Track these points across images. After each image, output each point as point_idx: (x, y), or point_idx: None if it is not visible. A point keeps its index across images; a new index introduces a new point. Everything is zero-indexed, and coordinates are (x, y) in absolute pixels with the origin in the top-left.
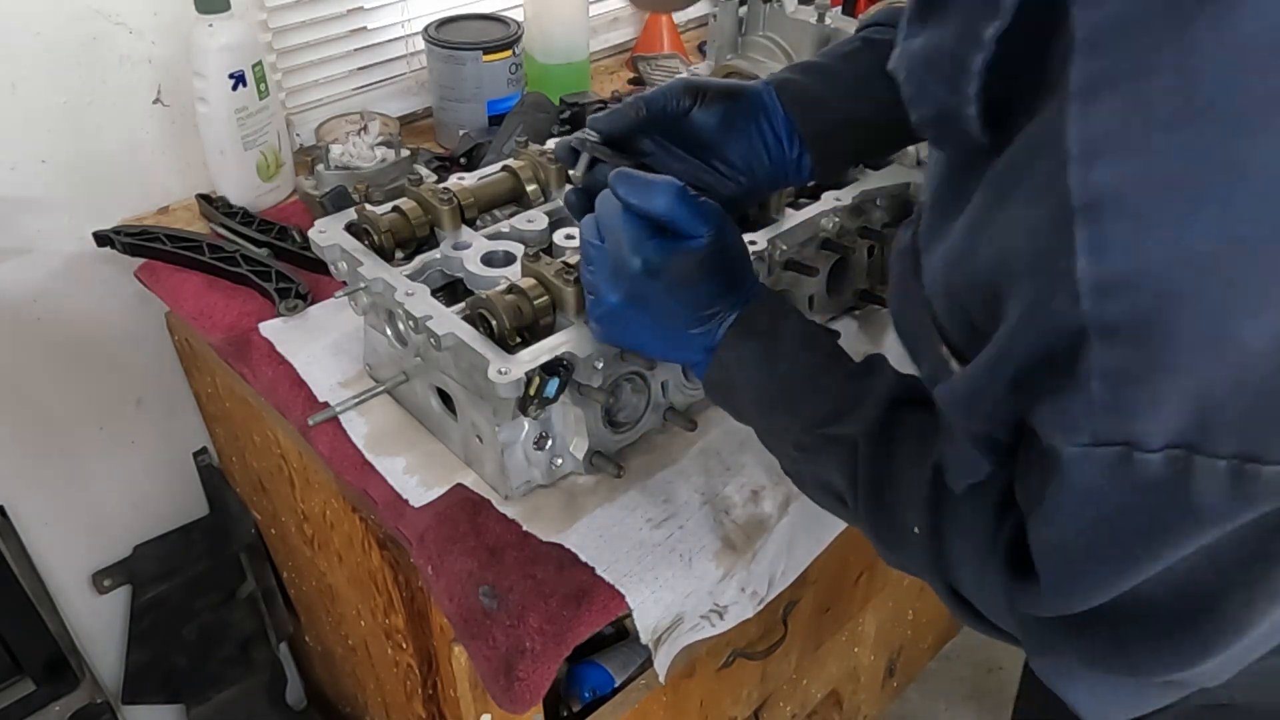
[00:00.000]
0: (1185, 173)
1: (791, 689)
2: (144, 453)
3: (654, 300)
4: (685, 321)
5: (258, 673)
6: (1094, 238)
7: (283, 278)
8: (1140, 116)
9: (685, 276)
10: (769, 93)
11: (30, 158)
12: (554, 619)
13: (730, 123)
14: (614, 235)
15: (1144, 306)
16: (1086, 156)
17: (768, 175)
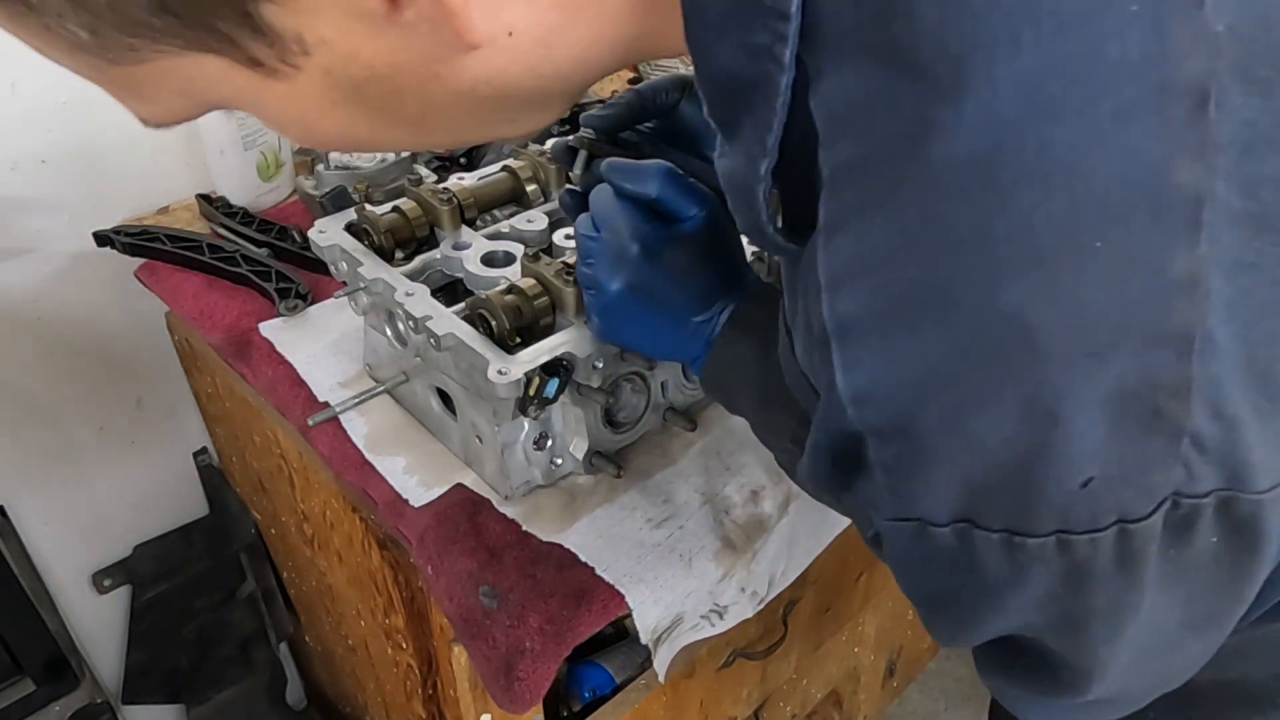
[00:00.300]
0: (906, 298)
1: (791, 689)
2: (144, 453)
3: (654, 288)
4: (686, 310)
5: (258, 673)
6: (843, 358)
7: (283, 278)
8: (867, 250)
9: (683, 262)
10: None
11: (30, 158)
12: (554, 619)
13: None
14: (610, 224)
15: (893, 413)
16: (831, 286)
17: None
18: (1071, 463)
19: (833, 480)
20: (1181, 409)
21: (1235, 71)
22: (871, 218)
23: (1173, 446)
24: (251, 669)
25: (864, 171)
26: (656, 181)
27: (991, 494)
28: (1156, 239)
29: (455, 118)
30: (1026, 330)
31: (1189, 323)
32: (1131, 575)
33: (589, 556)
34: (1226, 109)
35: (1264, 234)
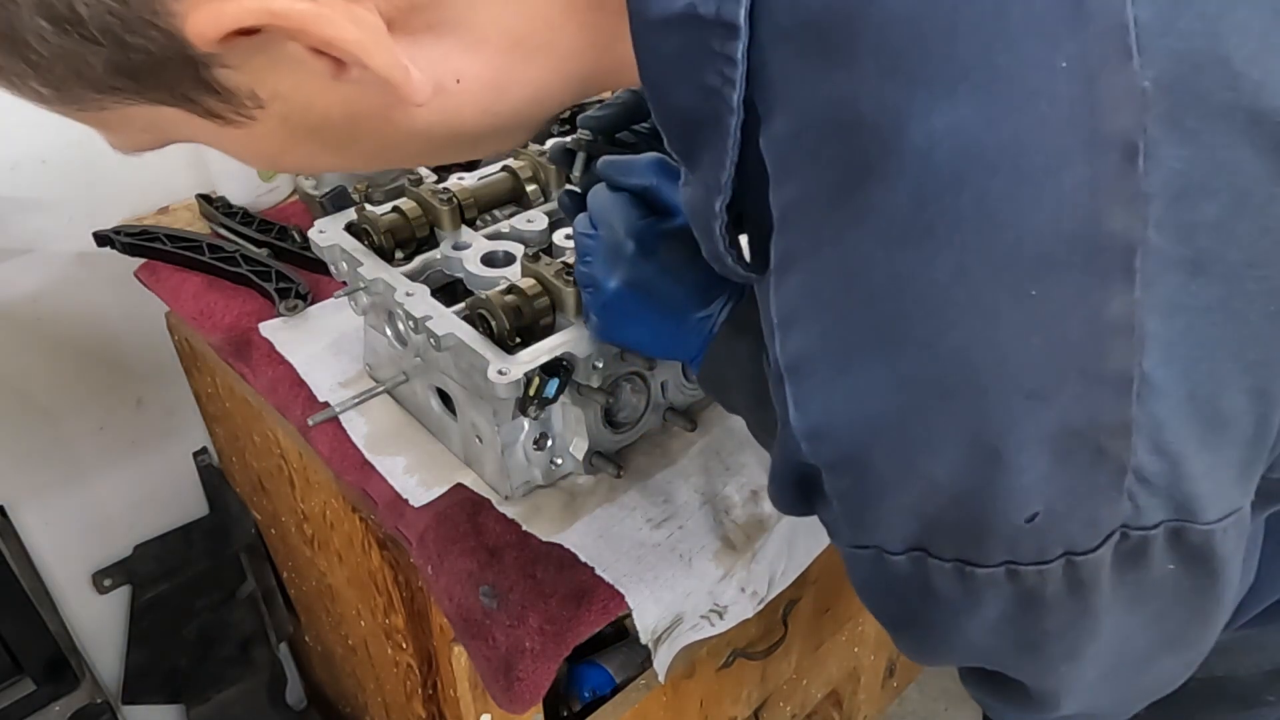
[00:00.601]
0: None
1: (791, 689)
2: (144, 453)
3: (652, 284)
4: (686, 306)
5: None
6: (795, 395)
7: (283, 278)
8: (814, 291)
9: (681, 256)
10: None
11: (30, 158)
12: (554, 619)
13: None
14: (606, 221)
15: (844, 449)
16: (782, 326)
17: None
18: (1016, 498)
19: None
20: (1123, 446)
21: (1164, 122)
22: (819, 259)
23: (1117, 482)
24: (251, 669)
25: (810, 214)
26: (648, 173)
27: (942, 526)
28: (1090, 285)
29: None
30: (970, 371)
31: (1126, 364)
32: (1084, 602)
33: (589, 556)
34: (1155, 159)
35: (1199, 277)
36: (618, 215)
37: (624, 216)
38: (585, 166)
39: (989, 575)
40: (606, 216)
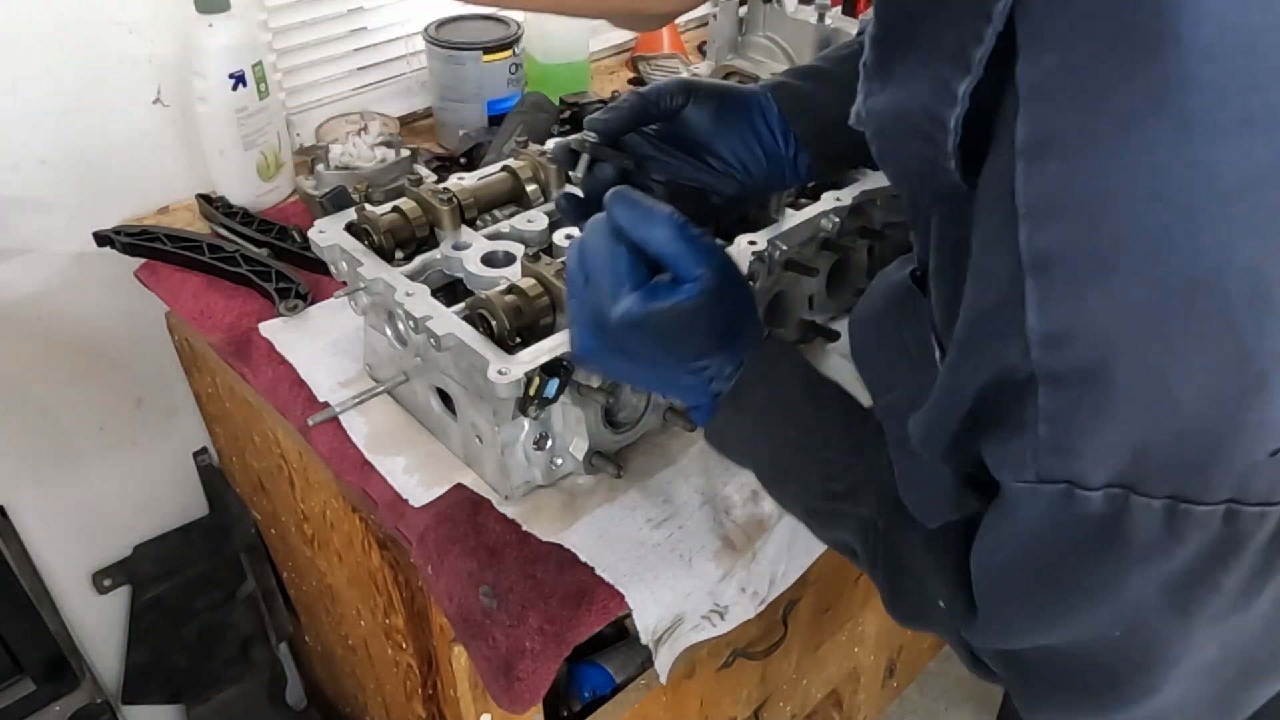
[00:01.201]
0: (1124, 236)
1: (791, 689)
2: (144, 453)
3: (635, 349)
4: (672, 370)
5: (258, 673)
6: (1041, 293)
7: (283, 278)
8: (1081, 180)
9: (673, 329)
10: (764, 93)
11: (30, 158)
12: (554, 619)
13: (723, 120)
14: (597, 274)
15: (1086, 359)
16: (1033, 216)
17: (764, 174)
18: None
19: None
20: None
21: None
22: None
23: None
24: (251, 669)
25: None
26: (664, 232)
27: (1167, 456)
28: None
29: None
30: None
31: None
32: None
33: (589, 556)
34: None
35: None
36: (610, 271)
37: (616, 275)
38: (588, 169)
39: (1204, 515)
40: (598, 265)
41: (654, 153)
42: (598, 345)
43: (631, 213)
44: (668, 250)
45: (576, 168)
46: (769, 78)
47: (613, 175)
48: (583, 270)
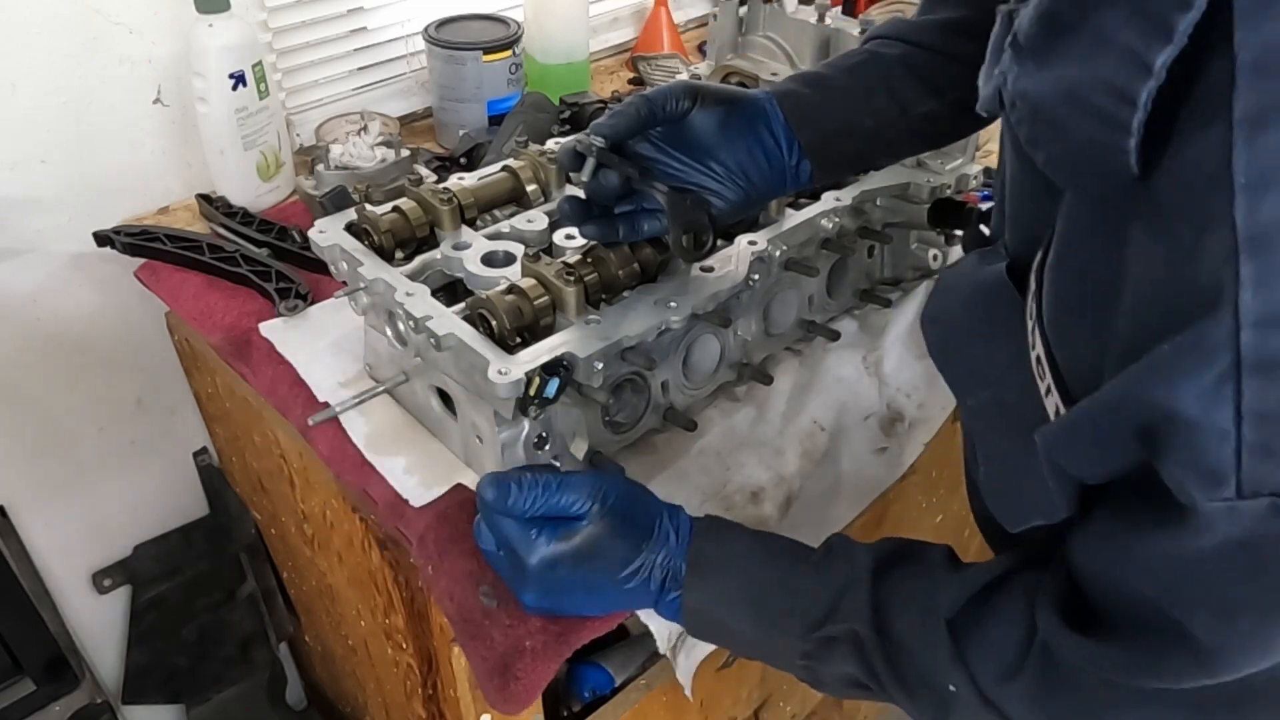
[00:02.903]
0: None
1: (792, 689)
2: (144, 453)
3: (570, 583)
4: (610, 585)
5: (258, 673)
6: (1261, 271)
7: (283, 278)
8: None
9: (589, 554)
10: (769, 100)
11: (30, 158)
12: (558, 619)
13: (729, 126)
14: (506, 544)
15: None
16: (1254, 188)
17: (766, 181)
18: None
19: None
20: None
21: None
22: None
23: None
24: (251, 669)
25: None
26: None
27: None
28: None
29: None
30: None
31: None
32: None
33: None
34: None
35: None
36: (516, 540)
37: (520, 540)
38: (594, 173)
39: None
40: (505, 537)
41: (657, 155)
42: (538, 595)
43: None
44: (547, 507)
45: (581, 171)
46: (773, 83)
47: (617, 181)
48: (497, 544)
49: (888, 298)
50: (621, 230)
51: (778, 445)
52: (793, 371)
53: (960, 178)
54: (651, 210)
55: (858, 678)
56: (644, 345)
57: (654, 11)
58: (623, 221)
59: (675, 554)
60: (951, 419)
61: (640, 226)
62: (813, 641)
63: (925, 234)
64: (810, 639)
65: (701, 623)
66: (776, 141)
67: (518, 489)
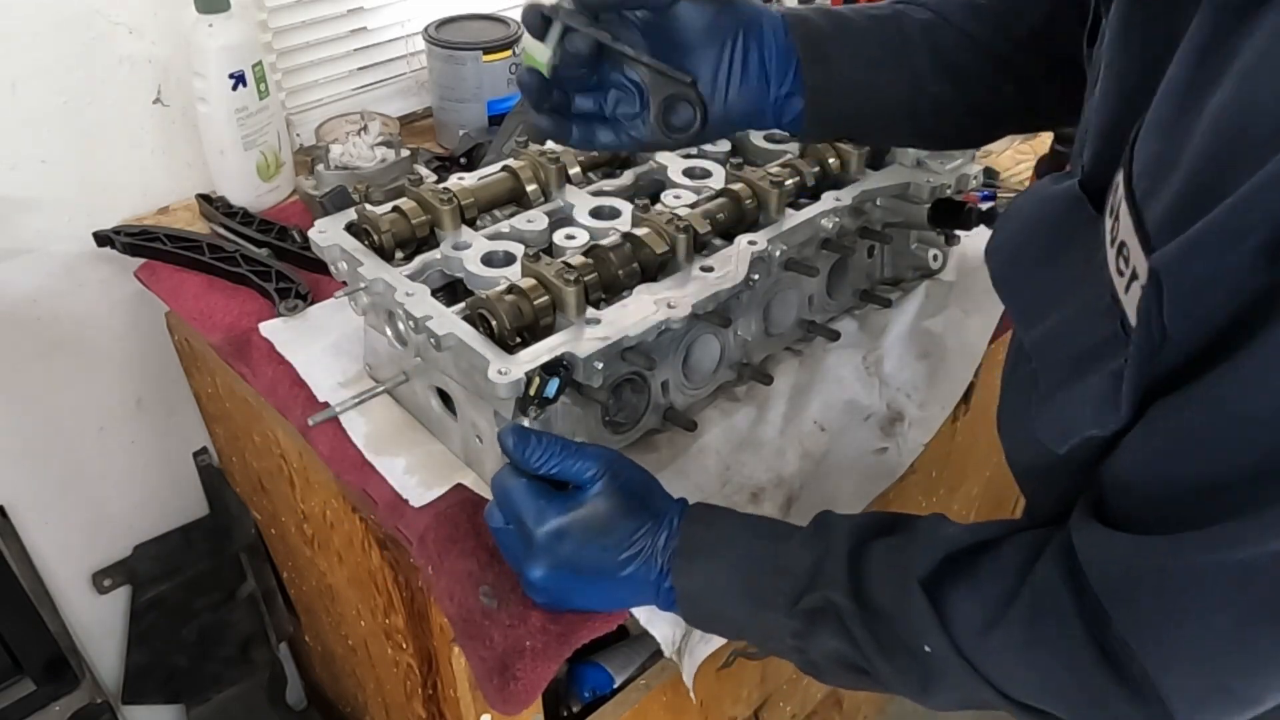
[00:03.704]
0: None
1: (791, 689)
2: (144, 453)
3: (575, 560)
4: (612, 567)
5: (258, 673)
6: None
7: (283, 278)
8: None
9: (595, 527)
10: (773, 19)
11: (30, 158)
12: (557, 619)
13: (718, 27)
14: (515, 514)
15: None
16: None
17: (746, 102)
18: None
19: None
20: None
21: None
22: None
23: None
24: (251, 669)
25: None
26: (549, 458)
27: None
28: None
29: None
30: None
31: None
32: None
33: None
34: None
35: None
36: (524, 504)
37: (530, 504)
38: (560, 37)
39: None
40: (514, 506)
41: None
42: (544, 571)
43: (518, 444)
44: (561, 470)
45: (546, 36)
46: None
47: (587, 49)
48: (505, 518)
49: (888, 298)
50: (576, 131)
51: (778, 445)
52: (793, 371)
53: (960, 178)
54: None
55: (845, 654)
56: (644, 345)
57: None
58: (579, 122)
59: (673, 540)
60: (951, 419)
61: (596, 135)
62: (798, 616)
63: (925, 234)
64: (796, 614)
65: (697, 610)
66: (764, 62)
67: (537, 441)
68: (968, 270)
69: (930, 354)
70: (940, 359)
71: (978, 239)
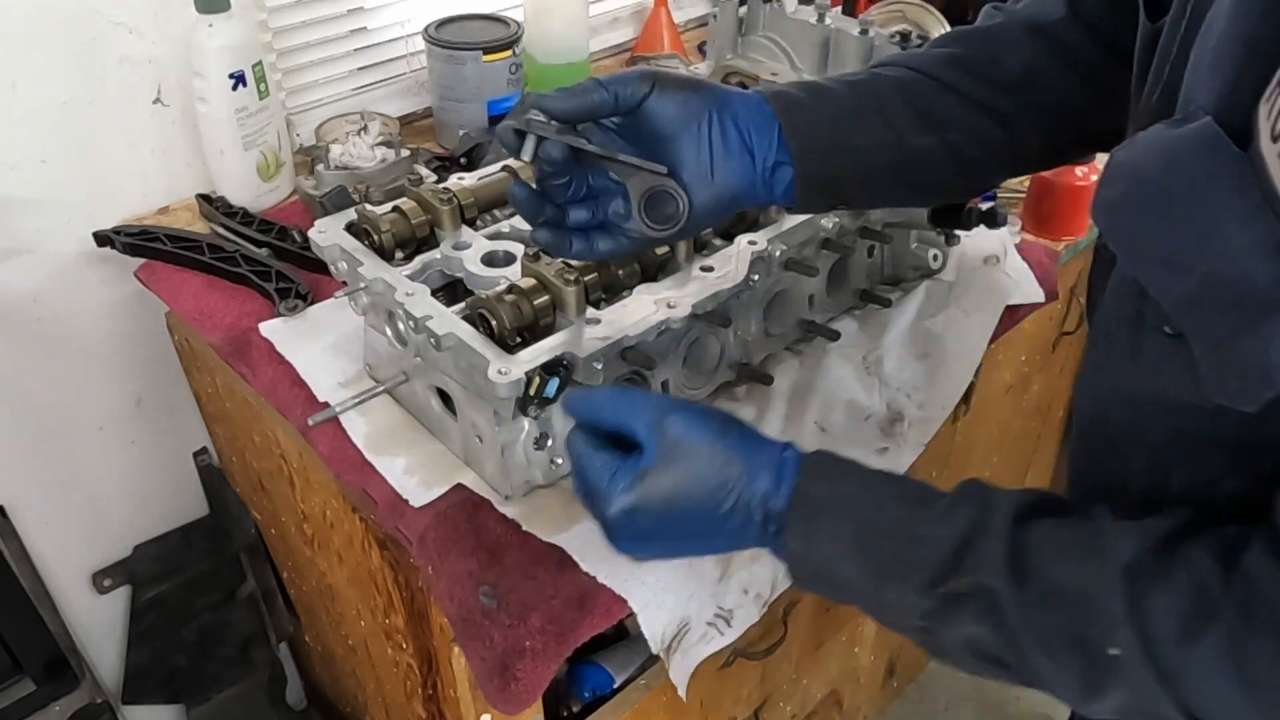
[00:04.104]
0: None
1: (791, 689)
2: (144, 453)
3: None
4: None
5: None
6: None
7: (283, 278)
8: None
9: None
10: (746, 95)
11: (30, 158)
12: (557, 619)
13: (688, 111)
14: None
15: None
16: None
17: (735, 179)
18: None
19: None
20: None
21: None
22: None
23: None
24: (251, 669)
25: None
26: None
27: None
28: None
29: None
30: None
31: None
32: None
33: (589, 565)
34: None
35: None
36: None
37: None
38: (535, 149)
39: None
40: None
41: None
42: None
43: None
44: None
45: (521, 150)
46: (772, 83)
47: (560, 155)
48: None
49: (888, 298)
50: (575, 245)
51: None
52: (793, 371)
53: None
54: (610, 228)
55: (985, 643)
56: (644, 345)
57: (654, 11)
58: (577, 236)
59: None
60: (951, 419)
61: (596, 245)
62: (934, 598)
63: (925, 234)
64: (932, 594)
65: (807, 572)
66: (745, 136)
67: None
68: (968, 270)
69: (930, 354)
70: (940, 359)
71: (978, 239)
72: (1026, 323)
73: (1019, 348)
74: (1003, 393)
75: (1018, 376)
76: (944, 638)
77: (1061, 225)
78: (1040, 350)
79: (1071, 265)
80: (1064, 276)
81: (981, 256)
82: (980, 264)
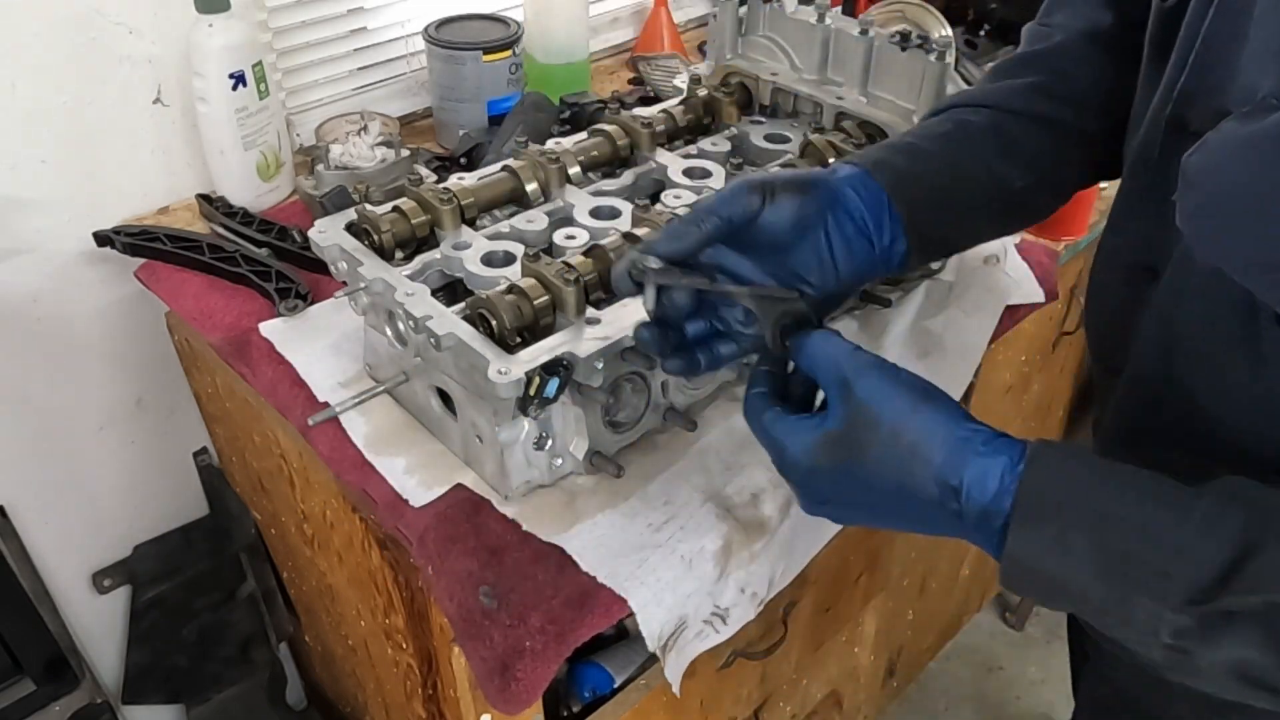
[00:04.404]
0: None
1: (791, 689)
2: (144, 453)
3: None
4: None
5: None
6: None
7: (283, 278)
8: None
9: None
10: (851, 177)
11: (30, 158)
12: (556, 619)
13: (804, 218)
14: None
15: None
16: None
17: (853, 269)
18: None
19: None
20: None
21: None
22: None
23: None
24: (251, 669)
25: None
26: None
27: None
28: None
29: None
30: None
31: None
32: None
33: (589, 565)
34: None
35: None
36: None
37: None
38: (657, 298)
39: None
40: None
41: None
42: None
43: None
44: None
45: (644, 299)
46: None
47: (687, 303)
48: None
49: (888, 298)
50: (703, 360)
51: None
52: None
53: None
54: (728, 333)
55: (1260, 668)
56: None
57: (654, 11)
58: (702, 351)
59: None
60: None
61: (719, 353)
62: (1196, 615)
63: None
64: (1192, 611)
65: (1024, 576)
66: (860, 224)
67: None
68: (968, 270)
69: (930, 354)
70: (940, 359)
71: None
72: (1026, 323)
73: (1019, 348)
74: (1003, 393)
75: (1018, 376)
76: (1201, 660)
77: (1061, 225)
78: (1040, 350)
79: (1071, 265)
80: (1064, 276)
81: (981, 256)
82: (980, 264)
